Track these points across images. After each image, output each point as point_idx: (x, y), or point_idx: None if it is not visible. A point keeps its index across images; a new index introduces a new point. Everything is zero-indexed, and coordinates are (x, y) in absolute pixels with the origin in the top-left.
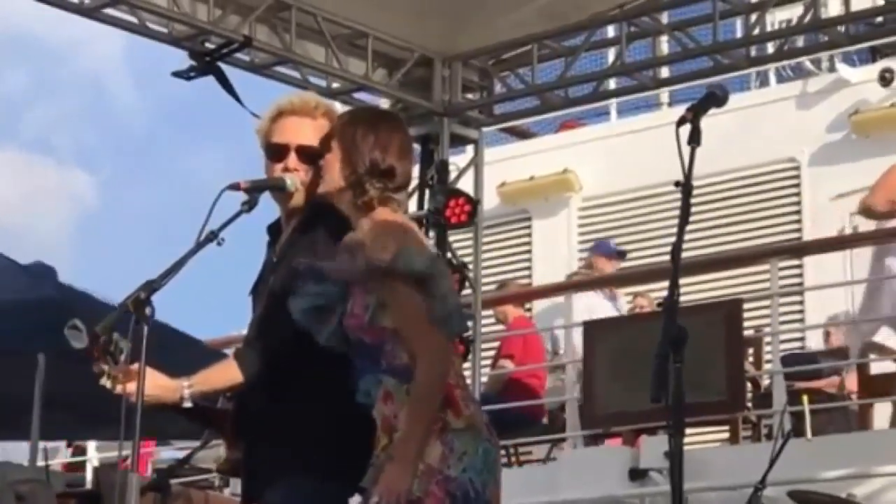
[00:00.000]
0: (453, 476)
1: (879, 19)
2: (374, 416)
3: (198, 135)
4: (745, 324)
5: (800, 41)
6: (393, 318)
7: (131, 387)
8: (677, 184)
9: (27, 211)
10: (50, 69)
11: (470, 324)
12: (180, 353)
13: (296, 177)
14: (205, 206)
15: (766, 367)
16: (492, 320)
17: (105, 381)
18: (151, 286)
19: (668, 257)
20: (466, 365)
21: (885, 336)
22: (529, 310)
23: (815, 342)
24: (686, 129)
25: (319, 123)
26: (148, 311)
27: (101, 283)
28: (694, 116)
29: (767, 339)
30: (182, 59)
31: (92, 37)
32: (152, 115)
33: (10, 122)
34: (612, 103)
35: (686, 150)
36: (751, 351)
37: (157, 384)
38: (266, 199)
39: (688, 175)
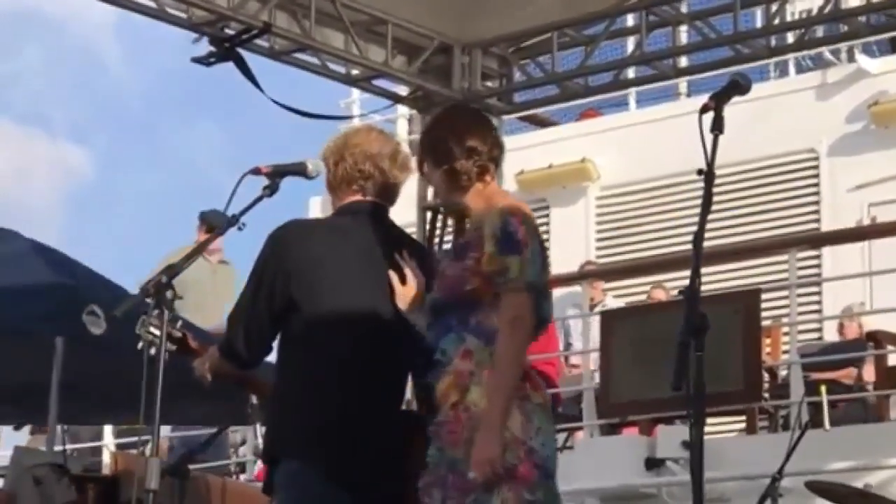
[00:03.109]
0: (536, 448)
1: None
2: (431, 382)
3: (192, 108)
4: (763, 314)
5: (820, 31)
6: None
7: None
8: (700, 172)
9: (20, 184)
10: (44, 41)
11: None
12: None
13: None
14: (200, 183)
15: (784, 357)
16: None
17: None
18: (172, 270)
19: (685, 247)
20: None
21: None
22: None
23: (832, 333)
24: (708, 117)
25: None
26: (169, 294)
27: (96, 258)
28: (717, 104)
29: (785, 329)
30: (171, 32)
31: (84, 7)
32: (146, 89)
33: (5, 94)
34: (632, 92)
35: (708, 138)
36: (768, 341)
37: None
38: (287, 183)
39: (710, 163)
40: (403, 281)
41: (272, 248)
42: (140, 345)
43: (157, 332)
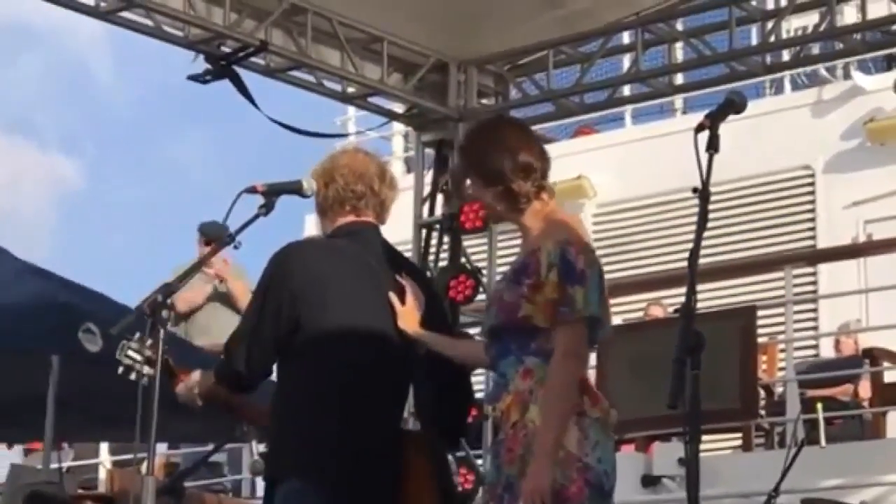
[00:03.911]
0: (591, 465)
1: (895, 27)
2: (487, 411)
3: (183, 118)
4: (759, 331)
5: (815, 49)
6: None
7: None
8: (695, 190)
9: (10, 193)
10: (36, 51)
11: None
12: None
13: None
14: (190, 193)
15: (780, 374)
16: None
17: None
18: (169, 289)
19: (681, 264)
20: (480, 370)
21: None
22: None
23: (828, 350)
24: (704, 136)
25: None
26: (165, 313)
27: (86, 265)
28: (712, 123)
29: (781, 346)
30: (161, 44)
31: (76, 18)
32: (136, 99)
33: None
34: (627, 110)
35: (704, 156)
36: (764, 358)
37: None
38: (282, 202)
39: (705, 181)
40: (403, 301)
41: (276, 270)
42: (120, 370)
43: (138, 357)
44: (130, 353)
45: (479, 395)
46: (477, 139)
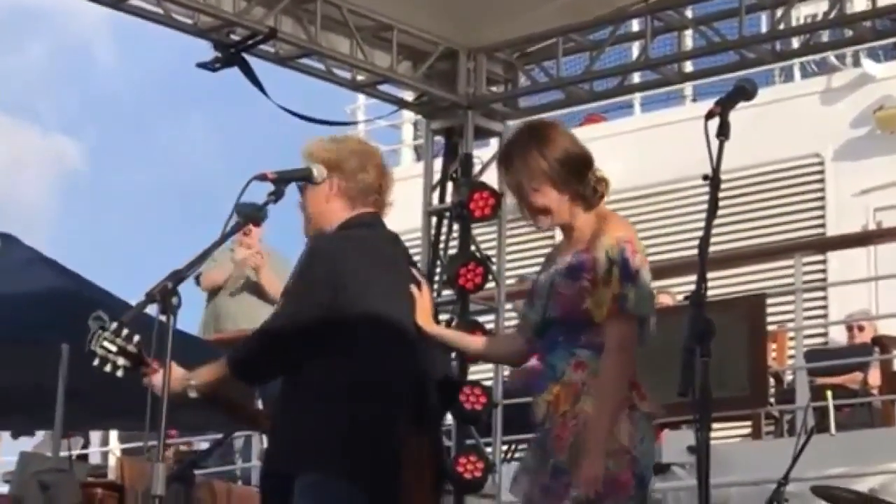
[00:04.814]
0: (638, 458)
1: None
2: (536, 404)
3: (184, 103)
4: (769, 319)
5: (825, 36)
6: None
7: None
8: (705, 177)
9: (12, 177)
10: (39, 35)
11: (492, 317)
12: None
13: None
14: (191, 178)
15: (790, 362)
16: (514, 314)
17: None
18: (178, 276)
19: (690, 252)
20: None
21: None
22: None
23: (838, 337)
24: (714, 123)
25: None
26: (175, 300)
27: (88, 253)
28: (723, 110)
29: (791, 334)
30: (164, 29)
31: (80, 3)
32: (138, 84)
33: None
34: (637, 97)
35: (714, 143)
36: (773, 346)
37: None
38: (292, 188)
39: (716, 168)
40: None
41: (320, 263)
42: (96, 362)
43: (112, 348)
44: (105, 343)
45: (487, 384)
46: (549, 142)
